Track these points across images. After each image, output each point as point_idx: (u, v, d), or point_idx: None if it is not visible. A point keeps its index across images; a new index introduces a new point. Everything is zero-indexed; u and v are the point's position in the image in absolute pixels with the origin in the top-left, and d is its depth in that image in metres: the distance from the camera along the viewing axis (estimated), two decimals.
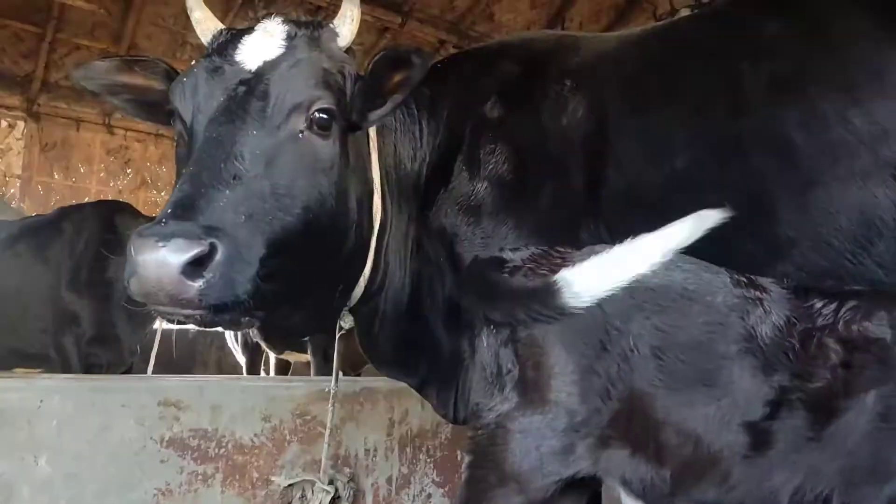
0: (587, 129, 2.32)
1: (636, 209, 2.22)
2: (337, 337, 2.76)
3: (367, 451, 3.53)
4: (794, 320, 1.75)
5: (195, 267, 1.68)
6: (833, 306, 1.76)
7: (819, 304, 1.77)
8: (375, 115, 2.23)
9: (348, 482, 3.35)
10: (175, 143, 2.15)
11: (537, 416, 1.79)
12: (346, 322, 2.68)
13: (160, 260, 1.65)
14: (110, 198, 9.86)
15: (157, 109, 2.22)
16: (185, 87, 2.05)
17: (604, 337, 1.78)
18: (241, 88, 2.00)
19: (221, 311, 1.77)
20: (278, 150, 1.99)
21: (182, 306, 1.72)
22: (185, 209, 1.77)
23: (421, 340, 2.61)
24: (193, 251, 1.67)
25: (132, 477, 3.05)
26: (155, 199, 11.48)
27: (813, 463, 1.68)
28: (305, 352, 6.04)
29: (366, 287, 2.49)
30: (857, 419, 1.66)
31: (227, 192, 1.84)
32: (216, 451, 3.21)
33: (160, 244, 1.66)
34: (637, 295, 1.79)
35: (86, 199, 10.12)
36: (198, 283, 1.69)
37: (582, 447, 1.79)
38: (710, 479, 1.73)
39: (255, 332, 6.06)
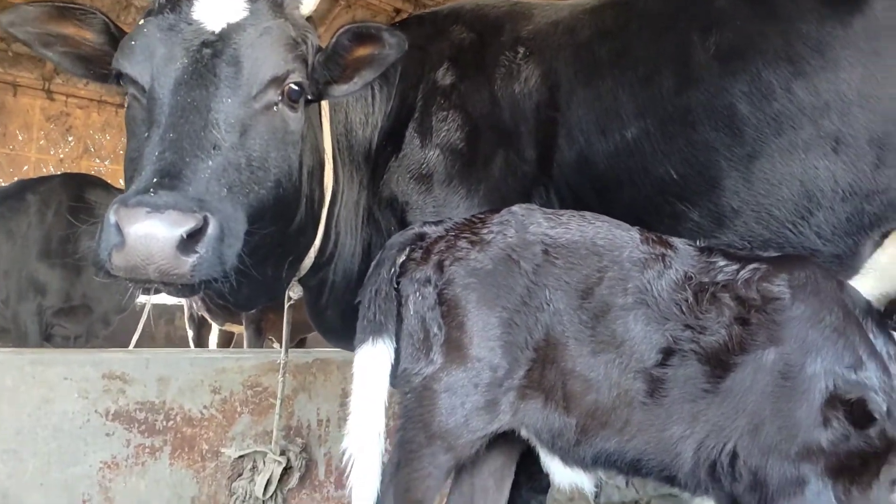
0: (539, 98, 2.32)
1: (586, 178, 2.24)
2: (286, 307, 2.72)
3: (320, 421, 3.52)
4: (692, 276, 1.85)
5: (189, 241, 1.62)
6: (736, 266, 1.86)
7: (722, 263, 1.87)
8: (342, 90, 2.17)
9: (301, 452, 3.34)
10: (126, 107, 2.06)
11: (461, 374, 1.84)
12: (295, 292, 2.64)
13: (153, 233, 1.57)
14: (51, 167, 9.45)
15: (94, 65, 2.09)
16: (137, 48, 1.94)
17: (523, 292, 1.86)
18: (207, 51, 1.91)
19: (209, 285, 1.73)
20: (254, 121, 1.94)
21: (171, 281, 1.65)
22: (171, 178, 1.69)
23: None
24: (189, 225, 1.61)
25: (76, 451, 2.98)
26: (98, 168, 11.06)
27: (714, 417, 1.76)
28: None
29: (315, 258, 2.45)
30: (756, 376, 1.75)
31: (210, 162, 1.78)
32: (164, 423, 3.15)
33: (152, 215, 1.57)
34: (552, 251, 1.88)
35: (25, 169, 9.69)
36: (192, 259, 1.63)
37: (504, 401, 1.85)
38: (612, 427, 1.82)
39: (199, 304, 5.97)
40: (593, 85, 2.25)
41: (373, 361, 1.91)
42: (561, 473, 1.97)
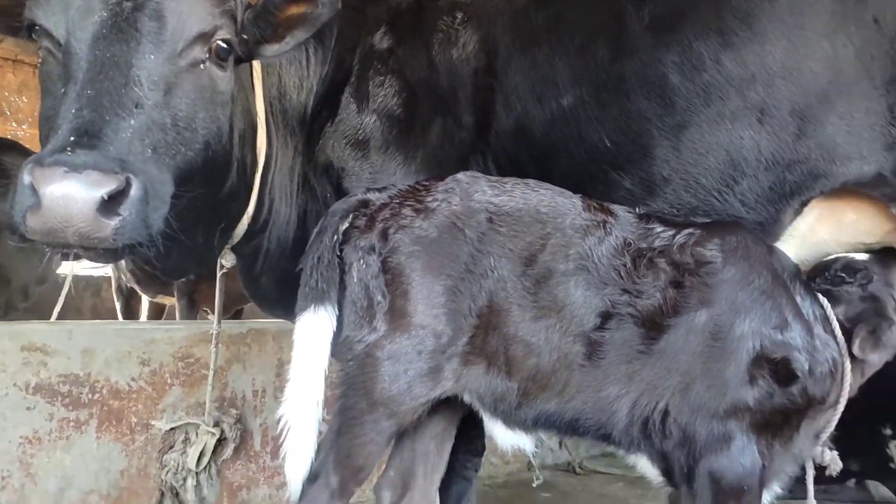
0: (477, 64, 2.30)
1: (523, 146, 2.25)
2: (218, 276, 2.65)
3: (255, 392, 3.47)
4: (631, 242, 1.91)
5: (110, 203, 1.54)
6: (672, 231, 1.93)
7: (659, 229, 1.93)
8: (273, 50, 2.10)
9: (235, 424, 3.27)
10: (41, 62, 1.93)
11: (405, 341, 1.85)
12: (227, 261, 2.56)
13: (71, 194, 1.48)
14: None
15: (4, 17, 1.96)
16: None
17: (467, 260, 1.87)
18: (128, 4, 1.80)
19: (133, 250, 1.66)
20: (179, 79, 1.86)
21: (92, 245, 1.58)
22: (90, 137, 1.60)
23: None
24: (110, 186, 1.53)
25: None
26: (15, 133, 10.40)
27: (648, 377, 1.83)
28: None
29: (249, 225, 2.39)
30: (688, 337, 1.83)
31: (132, 121, 1.69)
32: (89, 396, 3.04)
33: (70, 175, 1.48)
34: (496, 219, 1.90)
35: None
36: (114, 222, 1.55)
37: (448, 368, 1.87)
38: (552, 389, 1.87)
39: (127, 275, 5.75)
40: (530, 52, 2.25)
41: (314, 329, 1.88)
42: (503, 436, 2.01)
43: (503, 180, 2.03)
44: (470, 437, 2.46)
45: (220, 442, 3.22)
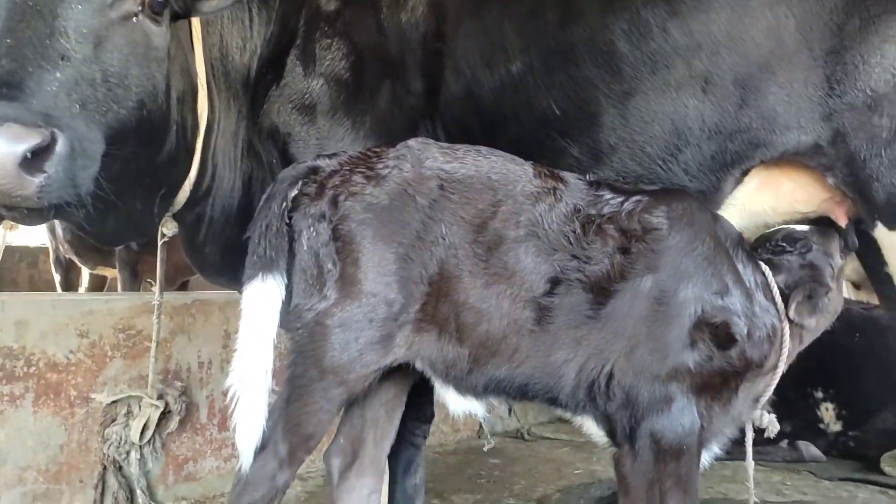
0: (426, 28, 2.26)
1: (473, 113, 2.23)
2: (160, 245, 2.57)
3: (200, 363, 3.41)
4: (580, 208, 1.93)
5: (34, 160, 1.46)
6: (620, 198, 1.95)
7: (608, 196, 1.96)
8: (211, 5, 2.02)
9: (180, 396, 3.22)
10: None
11: (356, 309, 1.83)
12: (169, 229, 2.48)
13: None
14: None
15: None
16: None
17: (419, 227, 1.86)
18: None
19: (60, 211, 1.59)
20: (110, 31, 1.76)
21: (14, 204, 1.50)
22: (10, 88, 1.51)
23: None
24: (34, 141, 1.45)
25: None
26: None
27: (595, 342, 1.87)
28: None
29: (191, 192, 2.31)
30: (634, 301, 1.86)
31: (58, 74, 1.60)
32: (25, 369, 2.92)
33: None
34: (447, 186, 1.89)
35: None
36: (38, 179, 1.48)
37: (399, 336, 1.87)
38: (503, 355, 1.89)
39: (66, 246, 5.52)
40: (479, 16, 2.22)
41: (262, 297, 1.84)
42: (455, 402, 2.02)
43: (455, 147, 2.01)
44: (418, 403, 2.47)
45: (165, 415, 3.17)
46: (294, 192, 1.92)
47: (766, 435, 2.13)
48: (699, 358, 1.85)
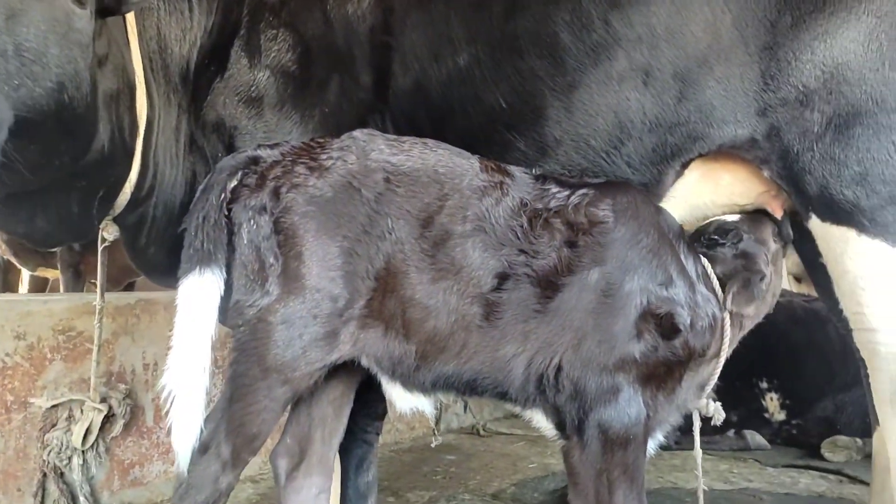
0: (373, 21, 2.25)
1: (421, 106, 2.23)
2: (100, 249, 2.49)
3: (146, 365, 3.31)
4: (527, 202, 1.93)
5: None
6: (566, 192, 1.96)
7: (554, 190, 1.97)
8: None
9: (124, 399, 3.12)
10: None
11: (300, 305, 1.80)
12: (110, 233, 2.40)
13: None
14: None
15: None
16: None
17: (364, 221, 1.84)
18: None
19: None
20: (25, 5, 1.69)
21: None
22: None
23: None
24: None
25: None
26: None
27: (543, 335, 1.87)
28: None
29: (132, 194, 2.25)
30: (581, 294, 1.88)
31: None
32: None
33: None
34: (393, 179, 1.87)
35: None
36: None
37: (344, 332, 1.84)
38: (450, 351, 1.88)
39: (3, 247, 5.31)
40: (426, 8, 2.21)
41: (200, 292, 1.79)
42: (402, 399, 2.00)
43: (401, 139, 2.00)
44: (369, 400, 2.45)
45: (109, 418, 3.07)
46: (233, 183, 1.87)
47: (712, 423, 2.16)
48: (645, 348, 1.87)
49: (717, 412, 2.14)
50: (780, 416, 4.35)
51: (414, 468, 3.91)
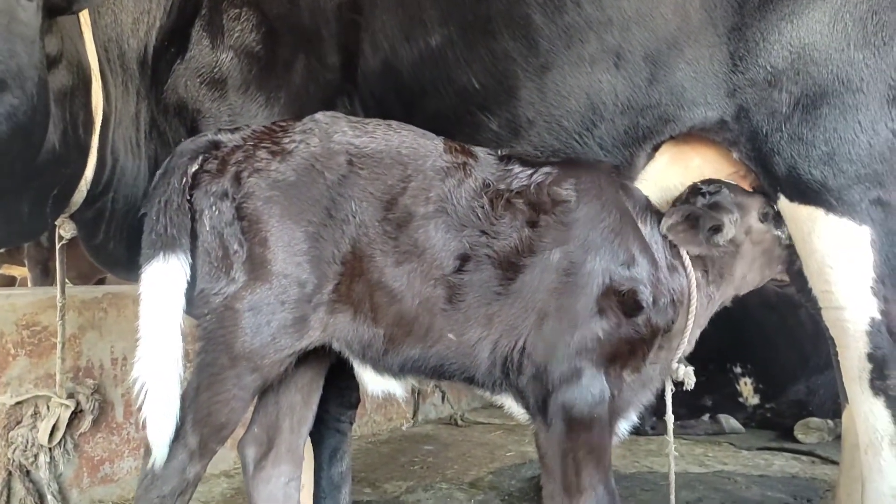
0: None
1: (391, 87, 2.19)
2: (58, 247, 2.45)
3: (114, 360, 3.24)
4: (490, 183, 1.90)
5: None
6: (529, 172, 1.94)
7: (517, 170, 1.94)
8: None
9: (92, 394, 3.06)
10: None
11: (267, 291, 1.77)
12: (66, 231, 2.35)
13: None
14: None
15: None
16: None
17: (328, 204, 1.81)
18: None
19: None
20: None
21: None
22: None
23: None
24: None
25: None
26: None
27: (507, 318, 1.85)
28: None
29: (89, 190, 2.19)
30: (543, 275, 1.85)
31: None
32: None
33: None
34: (357, 161, 1.85)
35: None
36: None
37: (314, 317, 1.82)
38: (416, 334, 1.86)
39: None
40: None
41: (165, 278, 1.75)
42: (374, 382, 1.99)
43: (364, 121, 1.97)
44: (342, 389, 2.43)
45: (77, 414, 3.01)
46: (194, 168, 1.83)
47: (685, 388, 2.09)
48: (607, 326, 1.85)
49: (688, 376, 2.07)
50: (754, 400, 4.41)
51: (391, 459, 3.89)
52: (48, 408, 2.91)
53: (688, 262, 2.01)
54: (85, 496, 3.10)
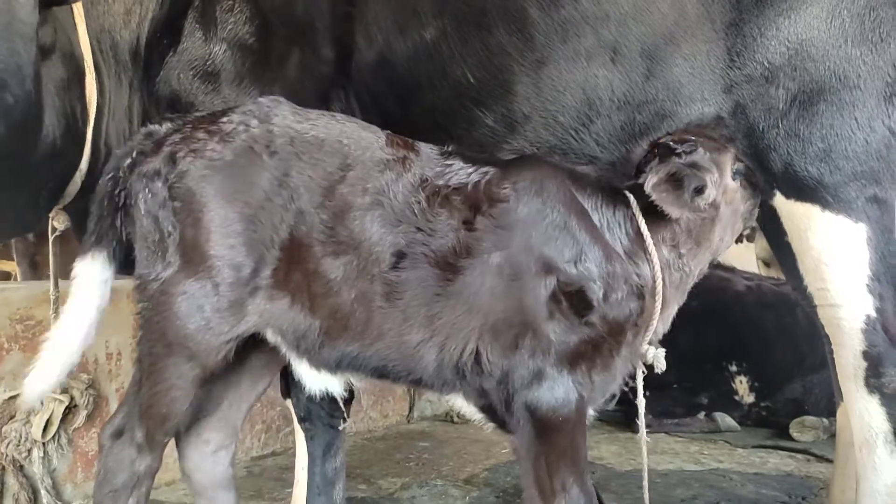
0: None
1: (386, 81, 2.19)
2: (51, 240, 2.43)
3: (109, 355, 3.23)
4: (428, 179, 1.84)
5: None
6: (469, 169, 1.87)
7: (457, 167, 1.87)
8: None
9: (87, 389, 3.04)
10: None
11: (201, 274, 1.74)
12: (60, 223, 2.34)
13: None
14: None
15: None
16: None
17: (267, 187, 1.77)
18: None
19: None
20: None
21: None
22: None
23: None
24: None
25: None
26: None
27: (450, 320, 1.77)
28: None
29: (84, 182, 2.18)
30: (485, 277, 1.78)
31: None
32: None
33: None
34: (296, 145, 1.81)
35: None
36: None
37: (251, 302, 1.78)
38: (353, 330, 1.80)
39: None
40: None
41: (88, 274, 1.80)
42: (310, 377, 1.93)
43: (308, 110, 1.93)
44: None
45: (71, 409, 3.00)
46: (128, 160, 1.82)
47: (656, 371, 1.98)
48: (559, 329, 1.77)
49: (657, 359, 1.96)
50: (750, 398, 4.41)
51: (387, 455, 3.89)
52: (42, 403, 2.89)
53: (650, 244, 1.88)
54: (79, 491, 3.09)
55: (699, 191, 1.85)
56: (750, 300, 4.49)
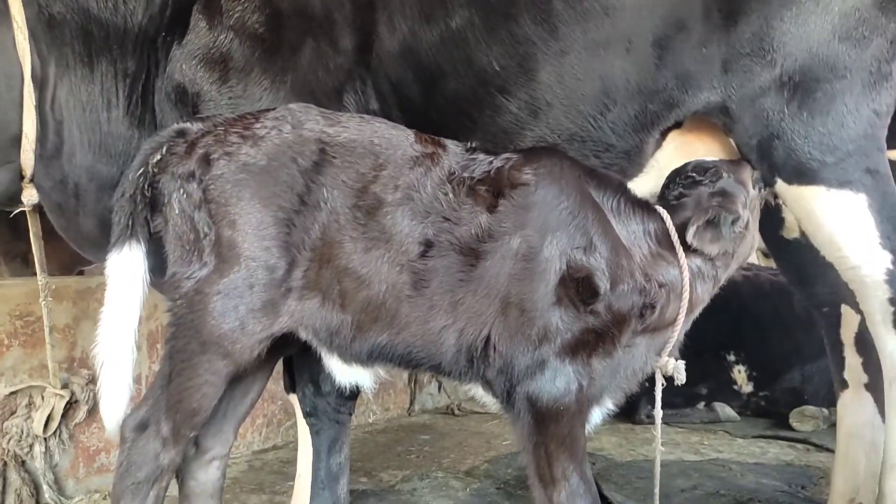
0: None
1: (409, 70, 2.17)
2: (28, 213, 2.47)
3: None
4: (455, 171, 1.90)
5: None
6: (491, 159, 1.93)
7: (481, 158, 1.94)
8: None
9: (87, 385, 3.02)
10: None
11: (235, 275, 1.77)
12: (28, 196, 2.35)
13: None
14: None
15: None
16: None
17: (300, 190, 1.81)
18: None
19: None
20: None
21: None
22: None
23: None
24: None
25: None
26: None
27: (471, 306, 1.82)
28: None
29: (39, 151, 2.22)
30: (504, 261, 1.82)
31: None
32: None
33: None
34: (329, 150, 1.85)
35: None
36: None
37: (283, 303, 1.81)
38: (383, 321, 1.85)
39: None
40: None
41: (124, 268, 1.79)
42: (341, 371, 1.99)
43: (337, 114, 1.98)
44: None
45: (72, 405, 2.98)
46: (157, 157, 1.83)
47: (676, 383, 2.03)
48: (566, 315, 1.81)
49: (678, 371, 2.01)
50: (749, 388, 4.43)
51: (388, 448, 3.89)
52: (42, 398, 2.88)
53: (681, 254, 1.93)
54: (81, 486, 3.08)
55: (734, 222, 1.96)
56: (748, 290, 4.50)
